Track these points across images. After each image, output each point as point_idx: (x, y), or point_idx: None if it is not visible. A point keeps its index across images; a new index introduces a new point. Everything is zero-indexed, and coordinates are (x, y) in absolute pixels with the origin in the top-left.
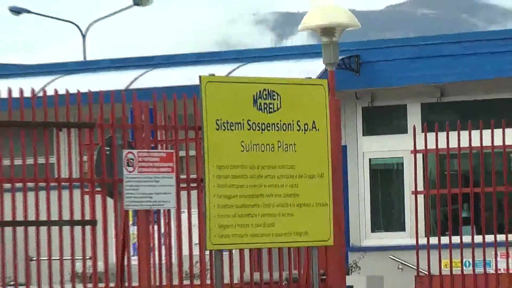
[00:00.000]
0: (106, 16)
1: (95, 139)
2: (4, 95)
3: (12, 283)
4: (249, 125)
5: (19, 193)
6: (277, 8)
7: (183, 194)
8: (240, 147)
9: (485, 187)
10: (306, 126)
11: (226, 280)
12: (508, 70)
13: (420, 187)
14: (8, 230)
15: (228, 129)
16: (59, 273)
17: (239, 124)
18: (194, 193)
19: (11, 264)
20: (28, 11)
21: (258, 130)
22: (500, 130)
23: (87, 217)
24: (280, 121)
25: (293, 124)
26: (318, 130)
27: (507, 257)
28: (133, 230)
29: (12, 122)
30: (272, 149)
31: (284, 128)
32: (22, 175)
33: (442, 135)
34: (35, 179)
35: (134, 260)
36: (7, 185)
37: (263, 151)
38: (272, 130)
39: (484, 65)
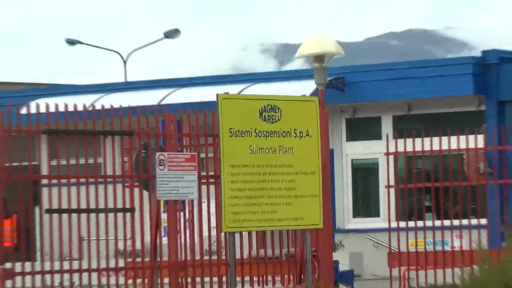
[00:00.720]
0: (142, 46)
1: (134, 144)
2: (62, 109)
3: (67, 258)
4: (256, 133)
5: (73, 187)
6: (279, 40)
7: (203, 188)
8: (249, 150)
9: (443, 182)
10: (301, 133)
11: (237, 256)
12: (461, 90)
13: (392, 182)
14: (65, 216)
15: (239, 136)
16: (105, 250)
17: (248, 132)
18: (212, 187)
19: (67, 243)
20: (81, 42)
21: (263, 136)
22: (455, 137)
23: (127, 205)
24: (281, 129)
25: (291, 132)
26: (310, 136)
27: (461, 238)
28: (164, 216)
29: (68, 130)
30: (274, 152)
31: (284, 135)
32: (76, 172)
33: (409, 141)
34: (86, 176)
35: (165, 240)
36: (64, 180)
37: (267, 153)
38: (274, 136)
39: (443, 85)
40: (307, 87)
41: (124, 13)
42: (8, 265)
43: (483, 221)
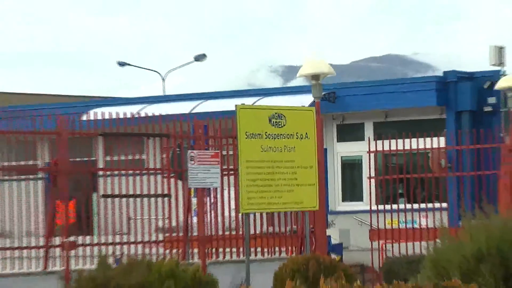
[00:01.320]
0: (177, 68)
1: (170, 144)
2: (114, 116)
3: (118, 233)
4: (266, 135)
5: (123, 177)
6: (284, 62)
7: (225, 178)
8: (260, 149)
9: (413, 174)
10: (301, 136)
11: (251, 232)
12: (426, 102)
13: (372, 174)
14: (116, 200)
15: (253, 138)
16: (148, 227)
17: (260, 135)
18: (231, 178)
19: (118, 221)
20: (129, 64)
21: (272, 138)
22: (422, 139)
23: (165, 192)
24: (285, 133)
25: (293, 135)
26: (309, 138)
27: (426, 218)
28: (193, 200)
29: (119, 133)
30: (280, 150)
31: (288, 137)
32: (125, 166)
33: (386, 142)
34: (134, 168)
35: (194, 219)
36: (116, 172)
37: (274, 151)
38: (280, 138)
39: (412, 98)
40: (306, 99)
41: (161, 39)
42: (71, 238)
43: (444, 205)
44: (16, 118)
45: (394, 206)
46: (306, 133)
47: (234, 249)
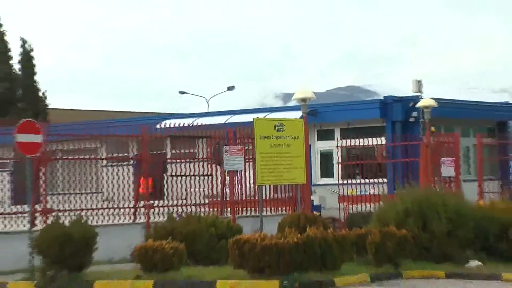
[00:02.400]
0: (215, 95)
1: (212, 142)
2: (177, 125)
3: (180, 199)
4: (272, 137)
5: (183, 164)
6: (283, 91)
7: (247, 164)
8: (269, 145)
9: (365, 160)
10: (294, 137)
11: (264, 197)
12: (373, 115)
13: (339, 160)
14: (179, 178)
15: (265, 138)
16: (199, 195)
17: (268, 137)
18: (251, 164)
19: (180, 191)
20: (186, 92)
21: (276, 138)
22: (371, 139)
23: (209, 172)
24: (285, 135)
25: (290, 136)
26: (299, 138)
27: (373, 189)
28: (227, 179)
29: (180, 136)
30: (282, 146)
31: (286, 138)
32: (184, 156)
33: (348, 141)
34: (189, 158)
35: (227, 190)
36: (178, 160)
37: (278, 147)
38: (281, 139)
39: (365, 113)
40: (297, 114)
41: (203, 75)
42: (150, 202)
43: (385, 180)
44: (119, 127)
45: (353, 181)
46: (298, 136)
47: (252, 209)
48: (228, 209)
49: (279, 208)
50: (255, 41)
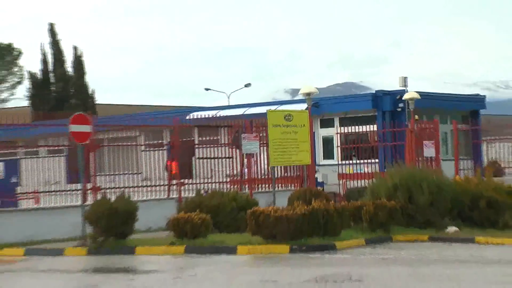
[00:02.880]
0: (235, 91)
1: (232, 131)
2: (203, 116)
3: (206, 177)
4: (282, 125)
5: (208, 149)
6: (292, 86)
7: (262, 148)
8: (280, 133)
9: (360, 144)
10: (301, 125)
11: (276, 176)
12: (367, 106)
13: (339, 144)
14: (205, 161)
15: (276, 127)
16: (221, 174)
17: (279, 125)
18: (264, 148)
19: (206, 171)
20: (210, 89)
21: (286, 127)
22: (364, 126)
23: (230, 155)
24: (293, 124)
25: (297, 125)
26: (305, 126)
27: (367, 167)
28: (245, 161)
29: (205, 125)
30: (290, 133)
31: (294, 126)
32: (209, 142)
33: (346, 128)
34: (213, 144)
35: (246, 170)
36: (203, 146)
37: (287, 134)
38: (290, 127)
39: (360, 104)
40: (303, 106)
41: (224, 75)
42: (181, 180)
43: (377, 160)
44: (155, 119)
45: (350, 162)
46: (303, 124)
47: (266, 185)
48: (246, 186)
49: (289, 185)
50: (268, 45)
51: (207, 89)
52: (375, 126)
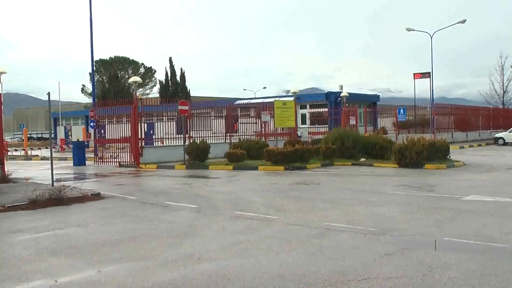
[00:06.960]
0: (258, 90)
1: (256, 110)
2: (242, 102)
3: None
4: (280, 108)
5: (244, 118)
6: (286, 88)
7: (271, 118)
8: (281, 111)
9: (319, 117)
10: (290, 108)
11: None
12: (321, 98)
13: (308, 117)
14: (243, 125)
15: (278, 108)
16: (251, 131)
17: (280, 108)
18: (272, 119)
19: (242, 131)
20: (246, 89)
21: (283, 108)
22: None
23: (255, 122)
24: (286, 107)
25: (289, 108)
26: (292, 108)
27: (323, 129)
28: (263, 124)
29: (244, 105)
30: (285, 112)
31: (287, 108)
32: (243, 115)
33: (313, 110)
34: (246, 116)
35: (263, 129)
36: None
37: (284, 112)
38: (285, 108)
39: (322, 97)
40: (291, 98)
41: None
42: (234, 134)
43: (327, 125)
44: (220, 102)
45: (314, 126)
46: (291, 107)
47: (273, 137)
48: (263, 137)
49: (284, 137)
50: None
51: (245, 89)
52: (327, 109)
